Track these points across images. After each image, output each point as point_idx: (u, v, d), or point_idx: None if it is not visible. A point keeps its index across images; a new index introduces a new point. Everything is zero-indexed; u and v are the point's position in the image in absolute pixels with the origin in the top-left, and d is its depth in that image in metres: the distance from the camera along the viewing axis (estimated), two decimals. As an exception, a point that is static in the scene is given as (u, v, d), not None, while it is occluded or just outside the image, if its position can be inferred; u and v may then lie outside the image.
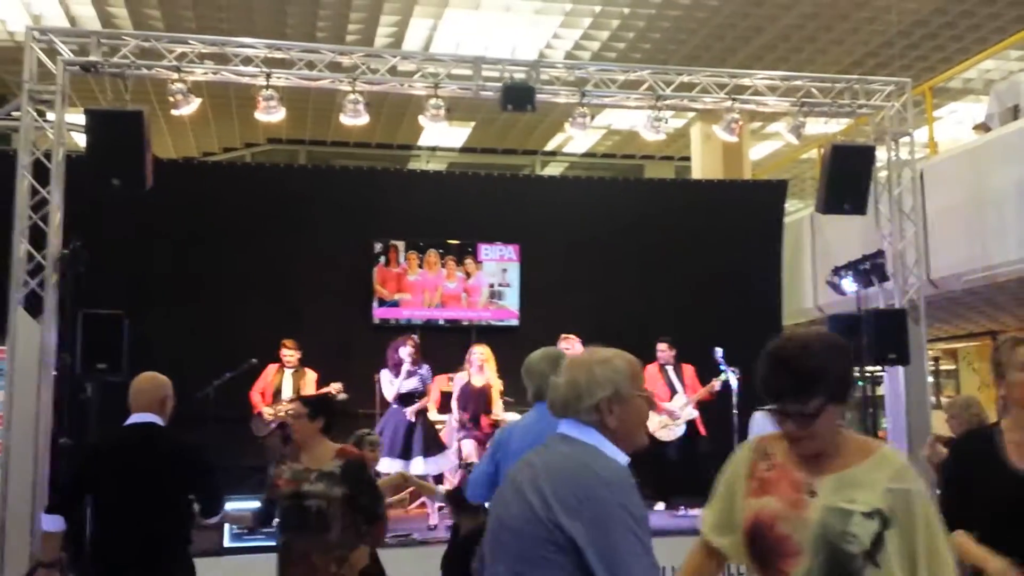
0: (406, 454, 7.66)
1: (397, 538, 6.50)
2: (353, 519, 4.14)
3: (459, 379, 8.10)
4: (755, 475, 2.23)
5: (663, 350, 8.60)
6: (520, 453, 2.35)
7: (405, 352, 7.91)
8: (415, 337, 8.17)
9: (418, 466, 7.69)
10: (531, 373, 3.89)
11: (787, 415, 2.12)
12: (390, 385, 7.94)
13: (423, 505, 7.97)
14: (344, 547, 4.08)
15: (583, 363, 2.23)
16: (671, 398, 8.55)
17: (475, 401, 7.95)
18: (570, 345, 7.93)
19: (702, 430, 8.46)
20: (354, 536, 4.14)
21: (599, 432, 2.15)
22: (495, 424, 8.01)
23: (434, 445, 7.85)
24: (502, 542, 2.17)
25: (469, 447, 8.00)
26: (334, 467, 4.16)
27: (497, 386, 8.03)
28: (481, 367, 8.00)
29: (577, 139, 14.54)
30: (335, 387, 8.33)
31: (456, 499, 4.93)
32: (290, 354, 8.24)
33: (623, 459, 2.15)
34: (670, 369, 8.65)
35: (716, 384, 8.43)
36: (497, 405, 7.98)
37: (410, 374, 7.88)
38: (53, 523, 3.97)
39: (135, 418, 3.98)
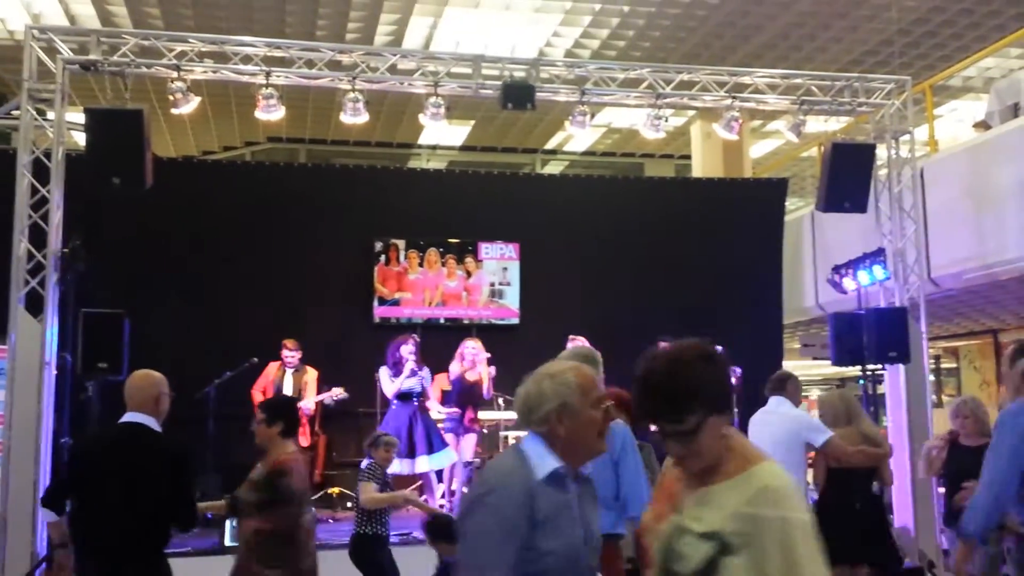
0: (411, 453, 7.68)
1: (400, 536, 6.50)
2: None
3: (452, 372, 8.13)
4: (663, 484, 2.21)
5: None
6: None
7: (406, 351, 7.91)
8: (416, 337, 8.17)
9: (423, 464, 7.72)
10: None
11: (666, 435, 2.02)
12: (390, 383, 7.95)
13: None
14: None
15: (537, 377, 2.35)
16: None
17: (468, 396, 8.00)
18: (580, 344, 7.95)
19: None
20: None
21: (544, 441, 2.28)
22: (477, 420, 8.09)
23: (437, 442, 7.88)
24: None
25: (471, 443, 8.05)
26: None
27: (487, 382, 8.09)
28: (474, 362, 8.03)
29: (577, 137, 14.56)
30: (336, 391, 8.35)
31: (432, 529, 4.98)
32: (291, 355, 8.25)
33: (550, 466, 2.24)
34: None
35: None
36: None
37: (412, 374, 7.89)
38: (48, 514, 4.15)
39: (126, 417, 3.97)
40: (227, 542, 6.33)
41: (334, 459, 8.97)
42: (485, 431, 8.57)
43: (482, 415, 8.31)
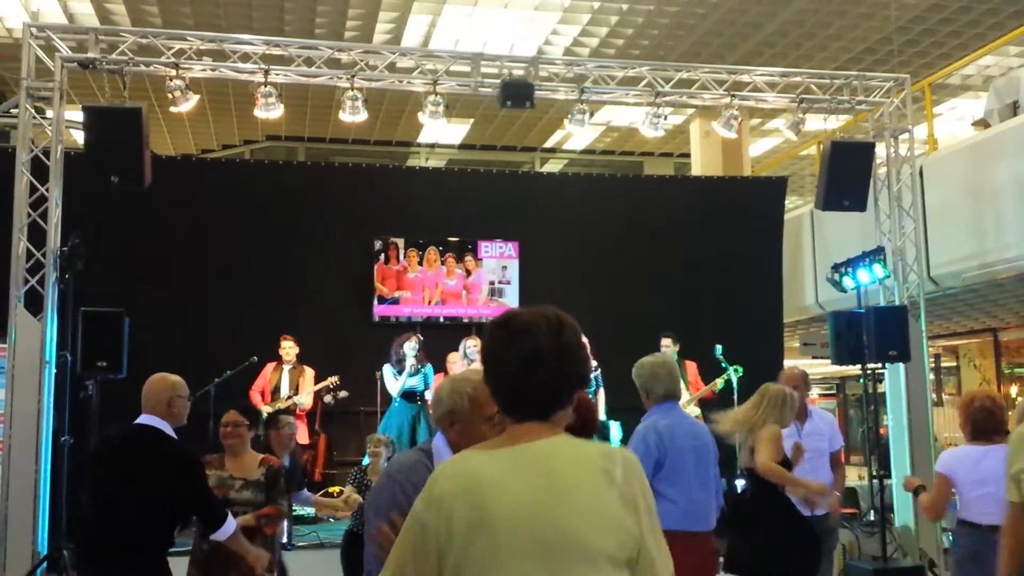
0: None
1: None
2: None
3: (458, 367, 8.11)
4: None
5: (667, 346, 8.61)
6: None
7: (409, 348, 7.90)
8: (419, 335, 8.14)
9: None
10: (658, 375, 4.22)
11: None
12: (394, 380, 7.95)
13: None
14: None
15: (448, 378, 2.58)
16: (672, 394, 8.55)
17: None
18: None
19: (703, 428, 8.46)
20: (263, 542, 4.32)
21: (444, 439, 2.49)
22: None
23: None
24: None
25: None
26: (259, 475, 4.40)
27: None
28: (475, 361, 8.01)
29: (576, 136, 14.56)
30: (331, 380, 8.35)
31: None
32: (289, 347, 8.25)
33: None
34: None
35: (718, 383, 8.44)
36: None
37: (414, 372, 7.88)
38: None
39: (139, 419, 3.96)
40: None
41: (334, 458, 8.97)
42: None
43: None
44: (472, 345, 8.13)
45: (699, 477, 4.12)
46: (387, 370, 8.01)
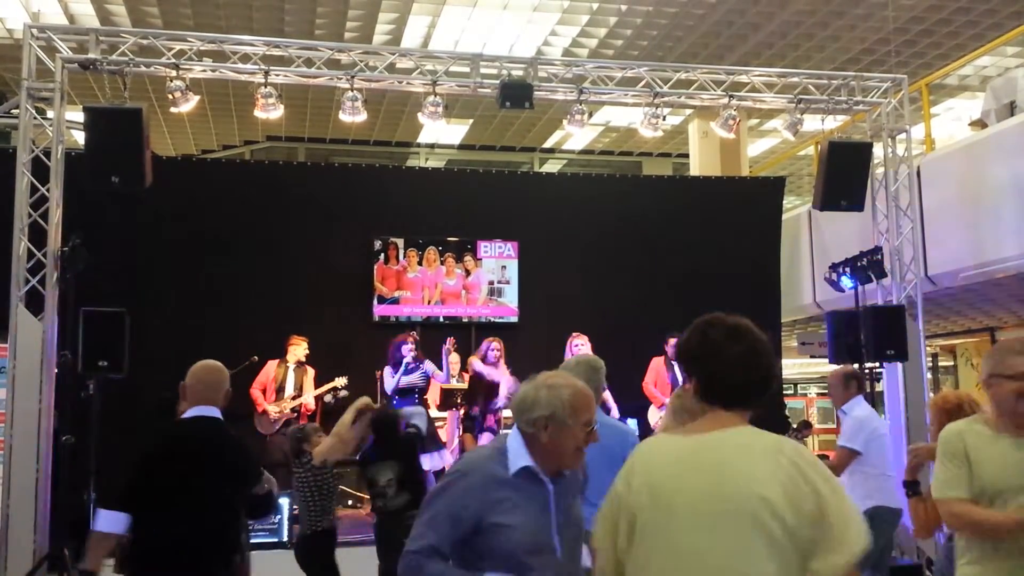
0: None
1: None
2: None
3: (474, 367, 8.09)
4: None
5: (674, 345, 8.64)
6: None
7: (406, 349, 7.93)
8: (415, 333, 8.17)
9: None
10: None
11: None
12: (390, 380, 7.97)
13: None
14: None
15: (538, 383, 2.57)
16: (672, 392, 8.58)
17: (489, 395, 7.95)
18: (582, 342, 7.97)
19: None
20: None
21: (526, 440, 2.52)
22: (499, 421, 8.04)
23: (431, 442, 7.82)
24: None
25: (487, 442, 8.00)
26: None
27: (505, 389, 8.06)
28: (497, 362, 8.01)
29: (575, 136, 14.59)
30: (339, 381, 8.38)
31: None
32: (301, 347, 8.29)
33: (523, 463, 2.48)
34: (676, 364, 8.69)
35: None
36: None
37: (410, 370, 7.90)
38: (114, 522, 3.51)
39: (198, 411, 3.70)
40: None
41: (333, 457, 8.98)
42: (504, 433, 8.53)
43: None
44: (496, 348, 8.09)
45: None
46: (386, 371, 8.05)
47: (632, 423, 8.15)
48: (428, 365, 8.04)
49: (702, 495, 1.98)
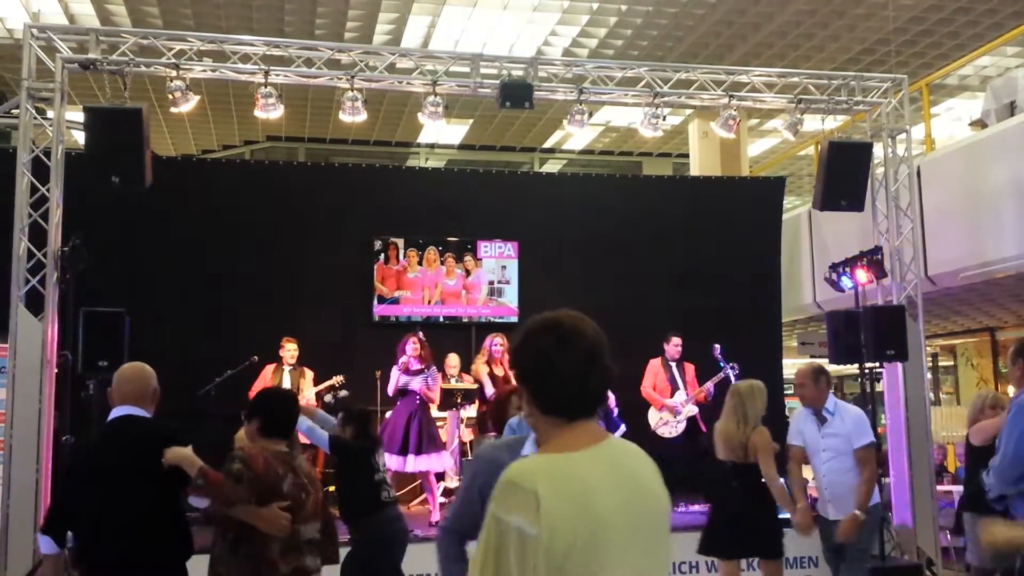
0: (404, 451, 7.67)
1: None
2: None
3: (482, 371, 8.07)
4: None
5: (676, 345, 8.66)
6: None
7: (409, 350, 7.92)
8: (420, 334, 8.13)
9: (409, 463, 7.69)
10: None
11: None
12: (391, 382, 7.96)
13: (425, 502, 8.00)
14: None
15: None
16: (672, 394, 8.59)
17: (500, 417, 7.89)
18: None
19: (703, 427, 8.50)
20: None
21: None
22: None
23: (429, 443, 7.78)
24: None
25: None
26: None
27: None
28: (502, 357, 8.00)
29: (575, 136, 14.59)
30: (337, 380, 8.37)
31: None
32: (291, 348, 8.27)
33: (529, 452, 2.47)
34: (674, 365, 8.70)
35: (711, 387, 8.48)
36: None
37: (415, 373, 7.87)
38: (46, 545, 3.64)
39: (122, 411, 3.66)
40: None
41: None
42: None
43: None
44: (500, 343, 8.09)
45: None
46: (393, 372, 8.04)
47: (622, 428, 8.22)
48: (432, 372, 7.96)
49: (629, 514, 1.78)
